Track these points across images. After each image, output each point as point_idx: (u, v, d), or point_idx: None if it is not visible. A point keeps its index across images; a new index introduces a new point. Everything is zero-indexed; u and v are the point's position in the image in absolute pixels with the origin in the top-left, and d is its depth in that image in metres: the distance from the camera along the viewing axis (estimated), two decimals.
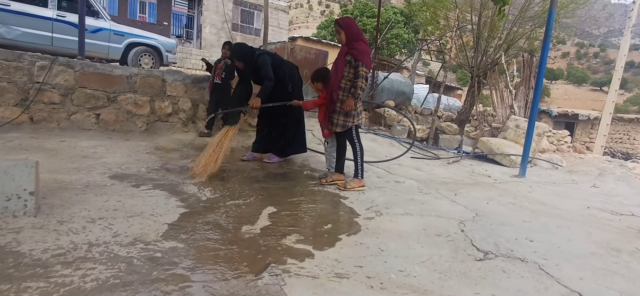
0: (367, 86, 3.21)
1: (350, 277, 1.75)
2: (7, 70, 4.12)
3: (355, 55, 3.13)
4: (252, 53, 3.79)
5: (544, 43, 5.25)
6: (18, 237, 1.77)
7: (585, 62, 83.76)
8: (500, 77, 9.09)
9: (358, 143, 3.34)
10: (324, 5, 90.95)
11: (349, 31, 3.20)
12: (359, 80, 3.11)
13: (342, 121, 3.25)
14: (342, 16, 9.72)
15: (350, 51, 3.17)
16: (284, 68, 3.88)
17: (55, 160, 3.15)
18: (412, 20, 21.66)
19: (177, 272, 1.62)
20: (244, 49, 3.80)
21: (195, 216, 2.30)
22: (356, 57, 3.13)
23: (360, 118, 3.37)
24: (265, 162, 3.97)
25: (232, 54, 3.90)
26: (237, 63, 3.82)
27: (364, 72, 3.12)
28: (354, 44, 3.18)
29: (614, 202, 4.27)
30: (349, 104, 3.16)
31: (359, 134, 3.39)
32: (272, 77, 3.67)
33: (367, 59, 3.14)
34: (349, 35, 3.21)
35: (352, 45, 3.18)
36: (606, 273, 2.11)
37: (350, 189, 3.22)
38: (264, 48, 6.71)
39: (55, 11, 6.63)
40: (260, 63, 3.71)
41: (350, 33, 3.20)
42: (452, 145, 7.63)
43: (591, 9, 14.37)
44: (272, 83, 3.66)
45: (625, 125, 18.84)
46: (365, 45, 3.21)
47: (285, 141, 4.00)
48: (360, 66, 3.09)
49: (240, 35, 18.87)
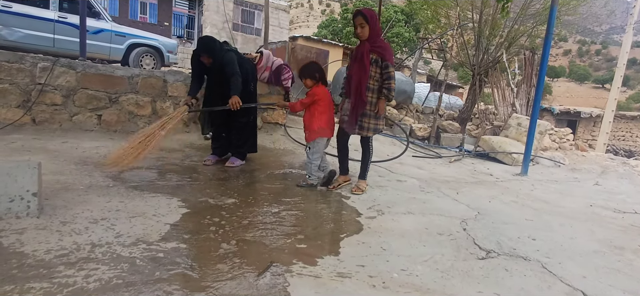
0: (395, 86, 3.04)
1: (352, 276, 1.75)
2: (9, 71, 4.13)
3: (382, 54, 2.96)
4: (220, 48, 3.56)
5: (545, 40, 5.24)
6: (21, 238, 1.77)
7: (587, 60, 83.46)
8: (502, 75, 9.07)
9: (372, 146, 3.28)
10: (324, 5, 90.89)
11: (374, 26, 2.98)
12: (392, 81, 2.96)
13: (373, 125, 3.10)
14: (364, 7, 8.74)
15: (375, 49, 2.96)
16: (245, 66, 3.71)
17: (57, 161, 3.16)
18: (413, 19, 21.63)
19: (180, 272, 1.62)
20: (214, 44, 3.55)
21: (197, 216, 2.30)
22: (383, 56, 2.96)
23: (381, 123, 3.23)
24: (228, 166, 3.67)
25: (199, 48, 3.55)
26: (204, 58, 3.53)
27: (392, 72, 2.97)
28: (377, 41, 3.01)
29: (616, 199, 4.26)
30: (382, 107, 3.03)
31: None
32: (239, 73, 3.48)
33: (392, 57, 3.02)
34: (374, 32, 2.99)
35: (375, 42, 2.99)
36: (609, 271, 2.11)
37: (357, 192, 3.15)
38: (264, 47, 6.72)
39: (56, 13, 6.65)
40: (228, 60, 3.50)
41: (375, 29, 2.99)
42: (454, 144, 7.62)
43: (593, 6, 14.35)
44: (240, 78, 3.47)
45: (628, 122, 18.78)
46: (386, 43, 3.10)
47: (243, 142, 3.82)
48: (390, 66, 2.96)
49: (241, 35, 18.89)
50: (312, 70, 3.13)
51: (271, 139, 5.14)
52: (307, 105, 3.16)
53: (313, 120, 3.11)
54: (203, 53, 3.51)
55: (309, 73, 3.12)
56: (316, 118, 3.10)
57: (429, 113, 9.83)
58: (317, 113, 3.11)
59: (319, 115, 3.10)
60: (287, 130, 5.59)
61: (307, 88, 3.18)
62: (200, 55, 3.52)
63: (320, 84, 3.15)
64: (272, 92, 5.59)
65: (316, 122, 3.10)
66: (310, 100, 3.12)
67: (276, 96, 5.61)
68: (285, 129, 5.62)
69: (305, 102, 3.16)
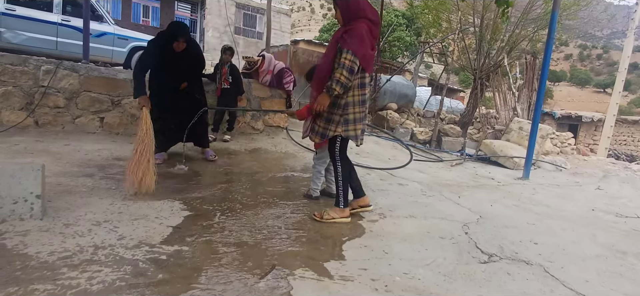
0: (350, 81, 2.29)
1: (354, 280, 1.75)
2: (13, 74, 4.15)
3: (343, 38, 2.30)
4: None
5: (546, 45, 5.25)
6: (25, 240, 1.78)
7: (588, 64, 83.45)
8: (503, 79, 9.08)
9: (340, 161, 2.50)
10: (326, 8, 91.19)
11: (343, 7, 2.38)
12: (339, 71, 2.25)
13: (321, 128, 2.47)
14: None
15: (344, 34, 2.33)
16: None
17: (60, 164, 3.17)
18: (414, 23, 21.64)
19: (182, 274, 1.63)
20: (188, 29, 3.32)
21: (199, 219, 2.30)
22: (344, 41, 2.29)
23: (351, 127, 2.43)
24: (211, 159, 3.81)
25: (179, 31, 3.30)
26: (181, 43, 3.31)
27: (348, 60, 2.24)
28: (351, 23, 2.35)
29: (618, 204, 4.25)
30: (321, 102, 2.35)
31: (345, 148, 2.56)
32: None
33: (355, 42, 2.26)
34: (344, 14, 2.38)
35: (348, 25, 2.35)
36: (612, 275, 2.10)
37: (328, 219, 2.46)
38: (266, 51, 6.73)
39: (60, 16, 6.69)
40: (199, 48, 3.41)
41: (344, 9, 2.38)
42: (455, 148, 7.61)
43: (593, 11, 14.35)
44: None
45: (629, 126, 18.76)
46: (364, 24, 2.32)
47: (205, 130, 3.88)
48: (343, 53, 2.25)
49: (243, 39, 18.94)
50: None
51: (273, 142, 5.15)
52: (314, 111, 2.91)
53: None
54: (182, 36, 3.30)
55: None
56: None
57: (431, 117, 9.84)
58: None
59: None
60: (289, 133, 5.60)
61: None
62: (177, 39, 3.29)
63: None
64: (273, 95, 5.61)
65: None
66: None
67: (278, 99, 5.63)
68: (287, 132, 5.63)
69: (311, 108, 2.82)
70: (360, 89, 2.41)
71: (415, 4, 14.87)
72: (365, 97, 2.45)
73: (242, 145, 4.87)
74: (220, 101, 4.95)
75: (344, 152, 2.55)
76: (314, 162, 3.06)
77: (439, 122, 8.36)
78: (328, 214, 2.49)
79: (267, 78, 5.44)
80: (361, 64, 2.31)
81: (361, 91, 2.42)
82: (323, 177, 3.05)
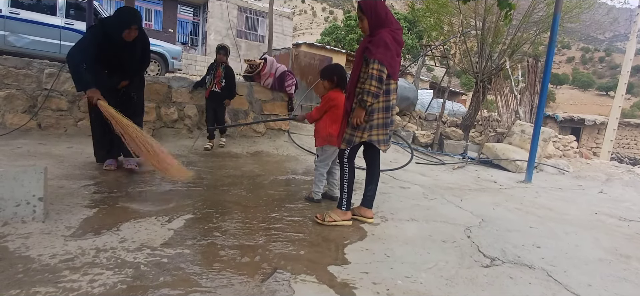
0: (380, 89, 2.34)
1: (356, 283, 1.74)
2: (17, 77, 4.18)
3: (369, 48, 2.34)
4: None
5: (548, 48, 5.23)
6: (27, 242, 1.78)
7: (591, 67, 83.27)
8: (505, 82, 9.07)
9: (348, 166, 2.54)
10: (327, 12, 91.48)
11: (371, 16, 2.41)
12: (368, 82, 2.31)
13: (348, 135, 2.50)
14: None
15: (368, 44, 2.37)
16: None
17: (62, 166, 3.18)
18: (416, 26, 21.68)
19: (184, 277, 1.63)
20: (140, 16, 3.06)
21: (200, 222, 2.30)
22: (369, 51, 2.33)
23: (374, 132, 2.46)
24: (134, 169, 3.28)
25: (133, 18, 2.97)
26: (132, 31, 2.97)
27: (376, 70, 2.28)
28: (375, 32, 2.38)
29: (622, 207, 4.23)
30: (357, 115, 2.40)
31: (355, 154, 2.58)
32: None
33: (381, 50, 2.30)
34: (371, 22, 2.41)
35: (373, 35, 2.39)
36: (615, 279, 2.09)
37: (329, 222, 2.48)
38: (268, 54, 6.76)
39: (63, 19, 6.74)
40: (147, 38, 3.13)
41: (373, 19, 2.40)
42: (457, 151, 7.60)
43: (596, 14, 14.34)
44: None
45: (632, 130, 18.68)
46: (389, 32, 2.36)
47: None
48: (371, 62, 2.30)
49: (245, 42, 19.01)
50: (330, 72, 2.93)
51: (275, 145, 5.16)
52: (322, 112, 2.94)
53: (325, 126, 2.92)
54: (135, 23, 2.97)
55: (327, 74, 2.93)
56: (327, 124, 2.90)
57: (432, 120, 9.83)
58: (330, 120, 2.89)
59: (331, 122, 2.88)
60: (291, 136, 5.61)
61: (325, 90, 2.94)
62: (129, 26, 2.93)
63: (337, 89, 2.91)
64: (275, 98, 5.62)
65: (327, 128, 2.90)
66: (325, 106, 2.92)
67: (280, 102, 5.64)
68: (289, 135, 5.64)
69: (321, 109, 2.95)
70: (385, 96, 2.44)
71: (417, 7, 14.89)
72: (389, 103, 2.47)
73: (244, 148, 4.88)
74: (207, 104, 4.71)
75: (353, 158, 2.58)
76: (315, 165, 3.07)
77: (441, 125, 8.35)
78: (330, 216, 2.51)
79: (269, 81, 5.45)
80: (388, 71, 2.35)
81: (386, 97, 2.45)
82: (325, 179, 3.06)
